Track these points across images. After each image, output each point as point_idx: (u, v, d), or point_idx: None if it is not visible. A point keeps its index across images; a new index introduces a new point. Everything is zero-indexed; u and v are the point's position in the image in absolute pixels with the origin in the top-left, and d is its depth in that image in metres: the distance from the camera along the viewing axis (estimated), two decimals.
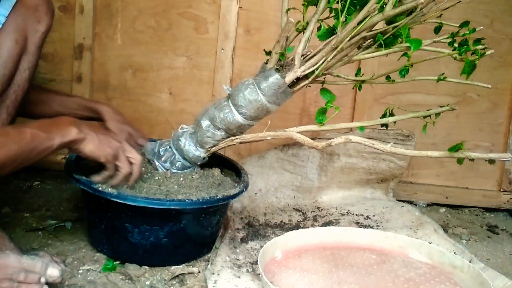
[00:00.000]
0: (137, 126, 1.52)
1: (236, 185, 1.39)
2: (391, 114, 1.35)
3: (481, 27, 1.24)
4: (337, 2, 1.17)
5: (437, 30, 1.29)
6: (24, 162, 1.04)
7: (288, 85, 1.26)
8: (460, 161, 1.21)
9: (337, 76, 1.34)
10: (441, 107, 1.35)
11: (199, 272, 1.29)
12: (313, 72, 1.23)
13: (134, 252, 1.26)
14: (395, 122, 1.33)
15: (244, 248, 1.40)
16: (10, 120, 1.27)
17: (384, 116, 1.35)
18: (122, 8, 1.81)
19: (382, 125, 1.34)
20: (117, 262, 1.28)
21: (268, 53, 1.29)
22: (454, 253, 1.39)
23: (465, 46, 1.23)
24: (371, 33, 1.21)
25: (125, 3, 1.81)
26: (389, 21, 1.18)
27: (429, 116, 1.33)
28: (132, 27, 1.82)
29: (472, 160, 1.19)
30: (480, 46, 1.23)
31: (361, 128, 1.29)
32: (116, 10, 1.81)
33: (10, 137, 1.02)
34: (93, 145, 1.13)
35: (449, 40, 1.25)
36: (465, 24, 1.23)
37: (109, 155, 1.17)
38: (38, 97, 1.43)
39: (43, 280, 1.04)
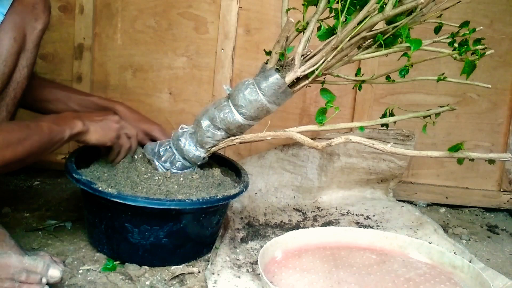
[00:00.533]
0: (153, 120, 1.52)
1: (236, 185, 1.39)
2: (391, 114, 1.34)
3: (481, 27, 1.24)
4: (337, 2, 1.17)
5: (437, 30, 1.29)
6: (42, 153, 1.12)
7: (288, 85, 1.26)
8: (460, 161, 1.21)
9: (337, 76, 1.33)
10: (441, 107, 1.35)
11: (199, 272, 1.29)
12: (313, 72, 1.23)
13: (134, 252, 1.26)
14: (395, 122, 1.33)
15: (244, 248, 1.40)
16: (10, 118, 1.26)
17: (384, 116, 1.35)
18: (122, 8, 1.81)
19: (382, 125, 1.34)
20: (117, 262, 1.28)
21: (268, 53, 1.29)
22: (454, 253, 1.39)
23: (465, 46, 1.22)
24: (371, 33, 1.20)
25: (125, 3, 1.80)
26: (389, 21, 1.18)
27: (429, 116, 1.33)
28: (132, 27, 1.82)
29: (472, 160, 1.19)
30: (480, 46, 1.23)
31: (361, 128, 1.29)
32: (116, 10, 1.81)
33: (32, 130, 1.10)
34: (98, 134, 1.24)
35: (449, 40, 1.25)
36: (465, 24, 1.23)
37: (113, 137, 1.29)
38: (55, 95, 1.45)
39: (44, 280, 1.05)
